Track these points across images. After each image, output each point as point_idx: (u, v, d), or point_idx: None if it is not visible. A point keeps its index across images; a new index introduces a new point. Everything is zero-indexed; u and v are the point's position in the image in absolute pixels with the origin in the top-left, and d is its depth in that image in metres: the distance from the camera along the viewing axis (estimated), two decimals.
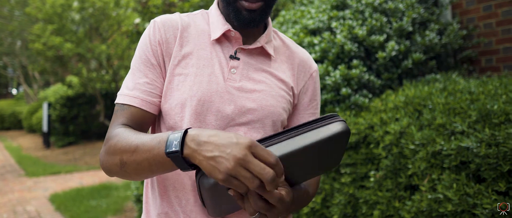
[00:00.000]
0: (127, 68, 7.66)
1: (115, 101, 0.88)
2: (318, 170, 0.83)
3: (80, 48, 6.80)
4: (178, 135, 0.67)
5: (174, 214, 0.87)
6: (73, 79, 8.71)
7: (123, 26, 7.09)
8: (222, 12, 0.91)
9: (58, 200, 4.56)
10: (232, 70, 0.88)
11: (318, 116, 1.00)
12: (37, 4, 7.27)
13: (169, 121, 0.86)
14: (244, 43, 0.91)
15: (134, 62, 0.89)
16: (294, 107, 0.97)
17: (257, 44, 0.90)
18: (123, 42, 7.30)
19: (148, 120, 0.87)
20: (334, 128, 0.76)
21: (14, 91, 29.97)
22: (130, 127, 0.83)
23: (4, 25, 13.04)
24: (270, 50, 0.92)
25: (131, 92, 0.85)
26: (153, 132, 0.94)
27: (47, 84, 16.81)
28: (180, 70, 0.86)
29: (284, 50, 0.97)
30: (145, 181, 0.95)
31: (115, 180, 5.63)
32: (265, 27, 0.96)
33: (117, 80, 7.84)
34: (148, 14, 3.89)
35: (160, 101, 0.87)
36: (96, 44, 7.15)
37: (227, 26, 0.88)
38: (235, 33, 0.88)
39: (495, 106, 1.52)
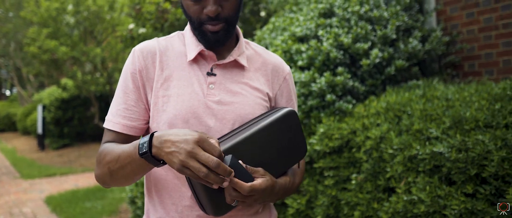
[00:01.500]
0: (121, 70, 7.72)
1: (103, 125, 1.00)
2: (287, 157, 0.95)
3: (75, 52, 6.85)
4: (146, 139, 0.80)
5: None
6: (68, 82, 8.75)
7: (117, 29, 7.15)
8: (194, 34, 1.00)
9: (54, 202, 4.63)
10: (210, 86, 0.96)
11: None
12: (32, 8, 7.31)
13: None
14: (218, 59, 1.00)
15: (118, 90, 0.99)
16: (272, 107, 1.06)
17: (230, 59, 0.99)
18: (117, 46, 7.36)
19: (131, 140, 0.97)
20: (277, 114, 0.92)
21: (7, 92, 29.80)
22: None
23: None
24: (243, 62, 1.01)
25: (114, 118, 0.97)
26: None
27: (41, 86, 16.77)
28: (163, 92, 0.95)
29: (257, 59, 1.06)
30: (144, 189, 1.05)
31: None
32: (237, 39, 1.05)
33: (111, 83, 7.90)
34: (141, 20, 3.97)
35: (141, 124, 0.98)
36: (91, 47, 7.20)
37: (200, 47, 0.98)
38: (208, 52, 0.98)
39: (468, 113, 1.62)
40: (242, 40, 1.05)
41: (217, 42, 0.95)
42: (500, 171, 1.33)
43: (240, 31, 1.06)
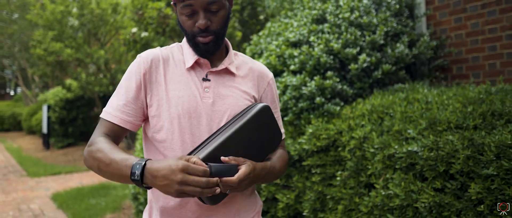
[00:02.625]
0: (123, 72, 7.89)
1: (100, 115, 1.13)
2: (266, 146, 1.13)
3: (79, 54, 7.03)
4: (139, 168, 0.93)
5: None
6: (72, 82, 8.94)
7: (120, 32, 7.32)
8: (189, 45, 1.17)
9: (60, 199, 4.80)
10: (205, 89, 1.13)
11: (278, 115, 1.28)
12: (37, 11, 7.50)
13: (162, 135, 1.10)
14: (212, 67, 1.17)
15: (120, 86, 1.14)
16: None
17: (222, 66, 1.16)
18: (120, 48, 7.54)
19: (124, 133, 1.13)
20: (252, 111, 1.09)
21: (11, 92, 30.08)
22: (109, 137, 1.09)
23: (4, 28, 13.25)
24: (233, 69, 1.18)
25: (113, 111, 1.11)
26: (146, 141, 1.18)
27: (45, 87, 16.99)
28: (165, 94, 1.11)
29: (244, 66, 1.23)
30: (146, 210, 1.21)
31: None
32: (227, 51, 1.22)
33: (114, 84, 8.07)
34: (144, 24, 4.12)
35: (136, 120, 1.12)
36: (95, 49, 7.38)
37: (196, 56, 1.14)
38: (203, 61, 1.14)
39: (442, 115, 1.76)
40: (232, 51, 1.22)
41: (207, 52, 1.12)
42: (465, 168, 1.48)
43: (229, 44, 1.24)
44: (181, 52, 1.18)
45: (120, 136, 1.13)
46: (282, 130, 1.27)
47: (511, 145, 1.43)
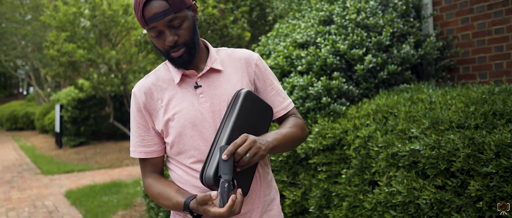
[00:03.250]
0: (135, 72, 8.02)
1: (130, 155, 1.28)
2: (263, 122, 1.21)
3: (91, 54, 7.18)
4: (187, 207, 1.10)
5: None
6: (84, 82, 9.12)
7: (131, 33, 7.45)
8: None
9: (73, 196, 4.93)
10: (200, 95, 1.19)
11: (277, 90, 1.31)
12: (50, 12, 7.67)
13: (176, 149, 1.21)
14: (198, 72, 1.22)
15: (131, 125, 1.26)
16: (257, 91, 1.28)
17: (206, 68, 1.21)
18: (132, 49, 7.67)
19: (158, 160, 1.26)
20: (238, 101, 1.16)
21: (24, 92, 30.61)
22: (153, 173, 1.26)
23: (17, 29, 13.52)
24: (218, 66, 1.23)
25: (135, 149, 1.25)
26: (167, 156, 1.29)
27: (57, 87, 17.28)
28: (167, 115, 1.19)
29: (229, 59, 1.28)
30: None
31: (125, 178, 5.99)
32: (208, 51, 1.27)
33: (125, 84, 8.21)
34: None
35: (157, 148, 1.24)
36: (106, 49, 7.52)
37: (182, 70, 1.20)
38: (189, 72, 1.20)
39: (445, 115, 1.81)
40: (212, 50, 1.27)
41: (184, 63, 1.18)
42: (465, 166, 1.53)
43: (209, 44, 1.29)
44: (168, 70, 1.25)
45: (157, 164, 1.27)
46: (289, 100, 1.31)
47: (511, 144, 1.47)
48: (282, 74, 2.74)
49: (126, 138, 10.34)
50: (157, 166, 1.27)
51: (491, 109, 1.74)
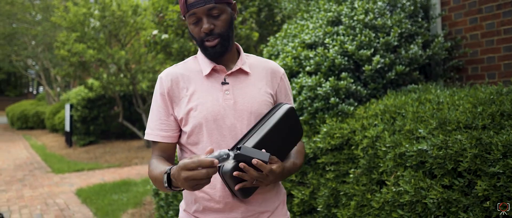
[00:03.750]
0: (144, 72, 8.10)
1: (144, 137, 1.30)
2: (290, 142, 1.24)
3: (101, 54, 7.27)
4: (166, 174, 1.07)
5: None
6: (94, 82, 9.23)
7: (140, 33, 7.53)
8: (201, 52, 1.29)
9: (84, 194, 5.01)
10: (226, 92, 1.25)
11: (293, 104, 1.40)
12: (61, 13, 7.78)
13: (193, 138, 1.24)
14: (227, 70, 1.28)
15: (151, 109, 1.29)
16: (275, 102, 1.35)
17: (236, 68, 1.28)
18: (141, 49, 7.75)
19: (170, 146, 1.28)
20: (281, 111, 1.21)
21: (34, 91, 31.03)
22: (160, 156, 1.26)
23: (28, 29, 13.71)
24: (247, 69, 1.30)
25: (152, 131, 1.27)
26: (180, 147, 1.33)
27: (67, 86, 17.49)
28: (191, 105, 1.23)
29: (257, 65, 1.35)
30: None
31: (134, 176, 6.07)
32: (239, 54, 1.34)
33: (134, 83, 8.29)
34: (164, 26, 4.28)
35: (173, 133, 1.27)
36: (115, 49, 7.61)
37: (213, 64, 1.26)
38: (219, 67, 1.26)
39: (452, 116, 1.83)
40: (243, 53, 1.34)
41: (216, 54, 1.24)
42: (472, 166, 1.54)
43: (240, 47, 1.36)
44: (197, 63, 1.30)
45: (169, 150, 1.29)
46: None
47: None
48: (291, 74, 2.77)
49: (135, 137, 10.43)
50: (166, 152, 1.29)
51: (499, 110, 1.75)
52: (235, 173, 1.07)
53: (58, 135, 12.38)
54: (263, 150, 1.10)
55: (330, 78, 2.45)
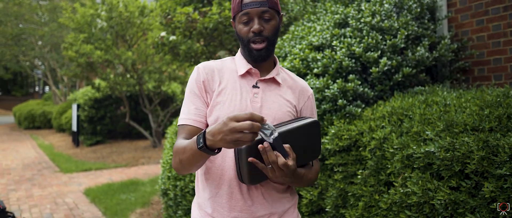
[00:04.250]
0: (150, 72, 8.17)
1: (178, 124, 1.33)
2: (306, 154, 1.26)
3: (108, 55, 7.34)
4: (201, 135, 1.09)
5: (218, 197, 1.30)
6: (101, 82, 9.31)
7: (147, 34, 7.59)
8: (243, 56, 1.35)
9: (92, 194, 5.07)
10: (255, 95, 1.31)
11: None
12: (69, 14, 7.86)
13: None
14: (261, 76, 1.34)
15: (186, 96, 1.33)
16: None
17: (270, 76, 1.34)
18: (147, 50, 7.82)
19: (199, 130, 1.30)
20: (308, 120, 1.26)
21: (40, 91, 31.29)
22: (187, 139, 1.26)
23: (35, 30, 13.85)
24: (279, 80, 1.36)
25: (187, 117, 1.30)
26: None
27: (74, 86, 17.63)
28: (219, 99, 1.29)
29: (289, 80, 1.41)
30: (196, 177, 1.40)
31: (141, 176, 6.13)
32: (274, 64, 1.39)
33: (141, 84, 8.36)
34: (171, 28, 4.32)
35: (205, 119, 1.30)
36: (122, 50, 7.68)
37: (249, 66, 1.32)
38: (254, 70, 1.32)
39: (459, 118, 1.85)
40: (278, 64, 1.40)
41: (260, 57, 1.29)
42: (479, 168, 1.57)
43: (277, 59, 1.42)
44: (234, 63, 1.37)
45: (196, 134, 1.30)
46: None
47: None
48: (298, 76, 2.80)
49: (141, 137, 10.51)
50: (194, 136, 1.30)
51: (506, 112, 1.78)
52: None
53: (65, 134, 12.49)
54: (288, 147, 1.14)
55: (337, 80, 2.48)
